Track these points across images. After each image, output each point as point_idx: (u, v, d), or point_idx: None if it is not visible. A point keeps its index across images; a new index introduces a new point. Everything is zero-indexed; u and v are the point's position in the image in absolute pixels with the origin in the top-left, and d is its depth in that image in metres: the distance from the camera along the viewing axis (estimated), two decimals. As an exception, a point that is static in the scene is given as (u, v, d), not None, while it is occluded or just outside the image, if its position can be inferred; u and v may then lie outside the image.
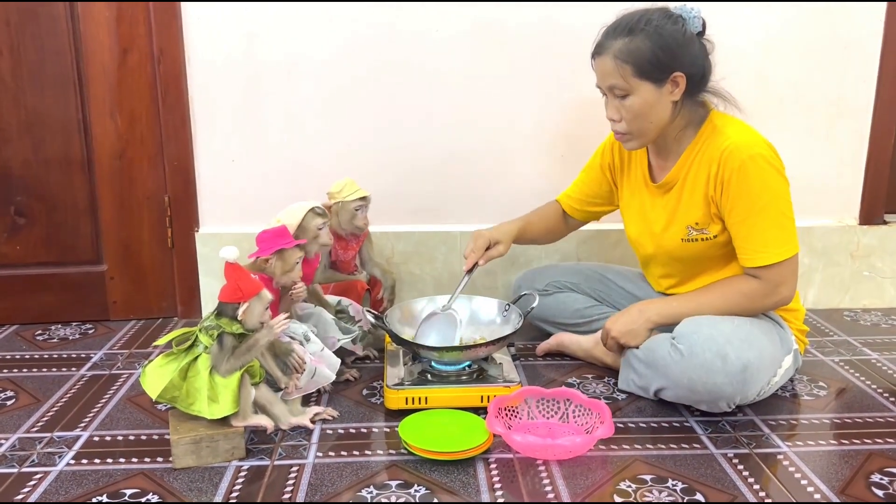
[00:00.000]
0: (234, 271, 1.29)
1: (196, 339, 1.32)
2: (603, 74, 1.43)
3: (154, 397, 1.29)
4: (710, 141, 1.44)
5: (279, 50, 1.86)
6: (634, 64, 1.38)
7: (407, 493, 1.19)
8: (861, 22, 1.93)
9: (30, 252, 1.92)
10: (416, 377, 1.49)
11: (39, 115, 1.84)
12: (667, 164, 1.52)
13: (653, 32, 1.37)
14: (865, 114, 1.99)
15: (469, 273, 1.60)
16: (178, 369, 1.29)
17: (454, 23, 1.86)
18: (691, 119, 1.47)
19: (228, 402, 1.27)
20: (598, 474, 1.24)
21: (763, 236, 1.40)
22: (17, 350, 1.79)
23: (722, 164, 1.40)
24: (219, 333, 1.29)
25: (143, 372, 1.33)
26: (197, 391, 1.29)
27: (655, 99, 1.40)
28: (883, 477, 1.24)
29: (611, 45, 1.40)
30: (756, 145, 1.39)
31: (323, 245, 1.53)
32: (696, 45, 1.40)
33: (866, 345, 1.82)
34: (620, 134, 1.47)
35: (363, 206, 1.67)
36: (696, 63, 1.40)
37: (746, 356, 1.34)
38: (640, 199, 1.60)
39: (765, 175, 1.38)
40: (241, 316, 1.28)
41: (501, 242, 1.63)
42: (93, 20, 1.80)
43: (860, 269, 2.07)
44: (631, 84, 1.39)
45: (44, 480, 1.23)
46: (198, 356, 1.30)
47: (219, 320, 1.29)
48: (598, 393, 1.56)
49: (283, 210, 1.51)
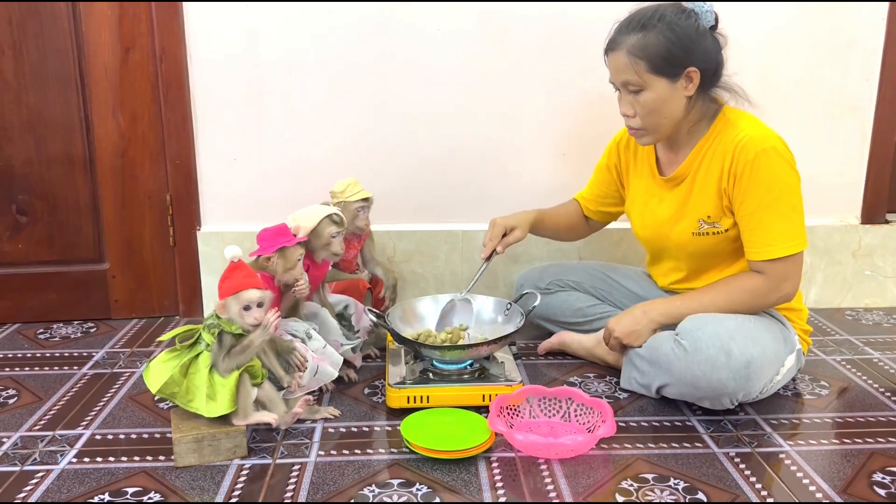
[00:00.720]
0: (235, 269, 1.29)
1: (199, 337, 1.32)
2: (616, 70, 1.43)
3: (154, 392, 1.29)
4: (724, 134, 1.44)
5: (280, 48, 1.86)
6: (648, 59, 1.38)
7: (409, 491, 1.19)
8: (863, 20, 1.92)
9: (31, 251, 1.92)
10: (418, 376, 1.49)
11: (41, 113, 1.84)
12: (677, 158, 1.52)
13: (666, 28, 1.37)
14: (867, 112, 1.99)
15: (487, 261, 1.61)
16: (179, 366, 1.29)
17: (457, 20, 1.86)
18: (704, 113, 1.47)
19: (226, 401, 1.27)
20: (599, 473, 1.24)
21: (772, 229, 1.40)
22: (19, 349, 1.79)
23: (736, 157, 1.40)
24: (219, 332, 1.29)
25: (146, 367, 1.33)
26: (196, 388, 1.29)
27: (669, 94, 1.40)
28: (885, 476, 1.24)
29: (624, 41, 1.40)
30: (770, 138, 1.40)
31: (334, 254, 1.51)
32: (709, 40, 1.41)
33: (868, 344, 1.82)
34: (634, 129, 1.47)
35: (365, 207, 1.67)
36: (709, 58, 1.41)
37: (750, 352, 1.34)
38: (647, 195, 1.60)
39: (777, 168, 1.39)
40: (217, 310, 1.28)
41: (518, 228, 1.63)
42: (95, 19, 1.80)
43: (862, 269, 2.07)
44: (645, 79, 1.39)
45: (45, 479, 1.23)
46: (199, 353, 1.30)
47: (219, 319, 1.29)
48: (599, 392, 1.56)
49: (301, 210, 1.50)
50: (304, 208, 1.51)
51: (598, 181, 1.74)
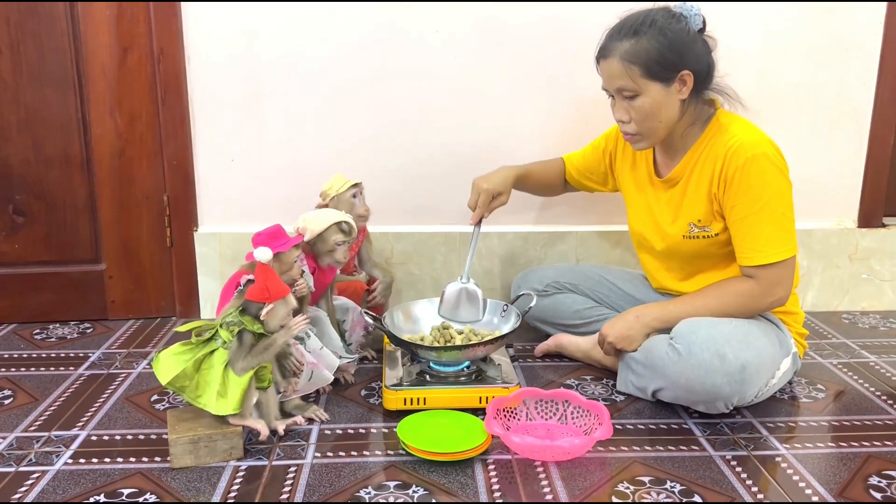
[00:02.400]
0: (264, 272, 1.28)
1: (216, 333, 1.31)
2: (610, 77, 1.43)
3: (164, 383, 1.27)
4: (717, 139, 1.44)
5: (279, 49, 1.86)
6: (642, 65, 1.38)
7: (405, 493, 1.19)
8: (861, 24, 1.93)
9: (28, 251, 1.92)
10: (415, 378, 1.49)
11: (39, 113, 1.84)
12: (673, 161, 1.53)
13: (658, 32, 1.37)
14: (865, 116, 1.99)
15: (478, 226, 1.64)
16: (193, 359, 1.28)
17: (455, 22, 1.86)
18: (698, 116, 1.47)
19: (236, 400, 1.27)
20: (596, 476, 1.24)
21: (762, 235, 1.40)
22: (15, 349, 1.79)
23: (727, 162, 1.40)
24: (239, 330, 1.28)
25: (156, 357, 1.31)
26: (207, 384, 1.28)
27: (664, 98, 1.41)
28: (881, 479, 1.24)
29: (616, 48, 1.40)
30: (761, 144, 1.40)
31: (337, 262, 1.51)
32: (699, 43, 1.41)
33: (864, 347, 1.82)
34: (630, 135, 1.48)
35: (358, 191, 1.66)
36: (701, 60, 1.41)
37: (745, 356, 1.34)
38: (645, 194, 1.60)
39: (767, 175, 1.39)
40: (264, 316, 1.28)
41: (504, 193, 1.66)
42: (93, 19, 1.80)
43: (859, 272, 2.08)
44: (640, 85, 1.40)
45: (41, 480, 1.23)
46: (214, 350, 1.29)
47: (242, 317, 1.29)
48: (596, 394, 1.56)
49: (313, 212, 1.50)
50: (315, 211, 1.51)
51: (589, 156, 1.75)
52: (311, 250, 1.50)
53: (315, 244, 1.48)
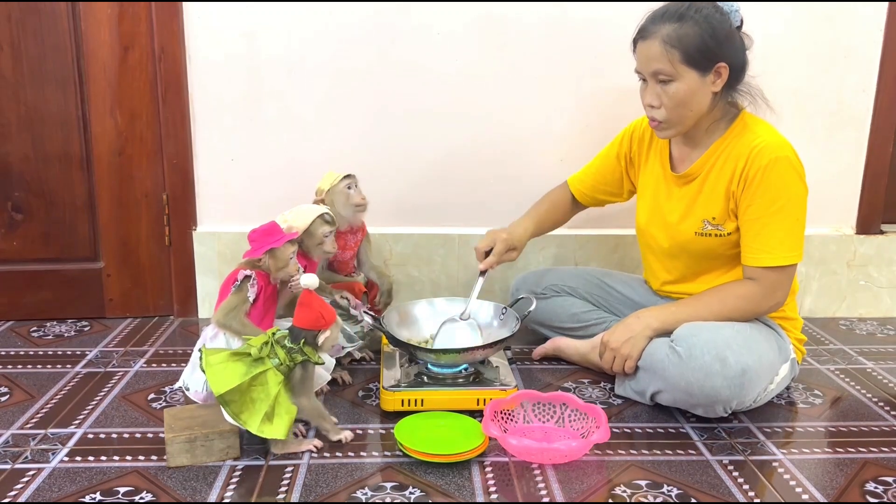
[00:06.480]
0: (313, 299, 1.27)
1: (272, 351, 1.26)
2: (647, 59, 1.42)
3: (218, 394, 1.22)
4: (741, 137, 1.45)
5: (279, 49, 1.86)
6: (683, 50, 1.38)
7: (402, 495, 1.19)
8: (861, 31, 1.93)
9: (27, 248, 1.92)
10: (413, 379, 1.49)
11: (39, 111, 1.84)
12: (692, 156, 1.53)
13: (703, 20, 1.38)
14: (864, 123, 2.00)
15: (482, 275, 1.63)
16: (250, 375, 1.23)
17: (455, 21, 1.86)
18: (725, 113, 1.48)
19: (282, 428, 1.24)
20: (593, 479, 1.24)
21: (773, 237, 1.41)
22: (12, 346, 1.79)
23: (750, 161, 1.41)
24: (303, 360, 1.26)
25: (206, 360, 1.25)
26: (254, 403, 1.23)
27: (699, 87, 1.41)
28: (877, 485, 1.24)
29: (658, 30, 1.40)
30: (785, 147, 1.41)
31: (326, 252, 1.52)
32: (737, 38, 1.43)
33: (862, 354, 1.83)
34: (657, 122, 1.47)
35: (352, 182, 1.65)
36: (738, 55, 1.42)
37: (745, 360, 1.34)
38: (656, 189, 1.60)
39: (788, 178, 1.40)
40: (322, 342, 1.27)
41: (516, 250, 1.66)
42: (94, 17, 1.80)
43: (856, 279, 2.08)
44: (677, 70, 1.40)
45: (37, 477, 1.22)
46: (269, 369, 1.26)
47: (304, 347, 1.26)
48: (594, 397, 1.56)
49: (292, 210, 1.50)
50: (293, 209, 1.51)
51: (601, 168, 1.73)
52: (300, 248, 1.50)
53: (303, 240, 1.49)
